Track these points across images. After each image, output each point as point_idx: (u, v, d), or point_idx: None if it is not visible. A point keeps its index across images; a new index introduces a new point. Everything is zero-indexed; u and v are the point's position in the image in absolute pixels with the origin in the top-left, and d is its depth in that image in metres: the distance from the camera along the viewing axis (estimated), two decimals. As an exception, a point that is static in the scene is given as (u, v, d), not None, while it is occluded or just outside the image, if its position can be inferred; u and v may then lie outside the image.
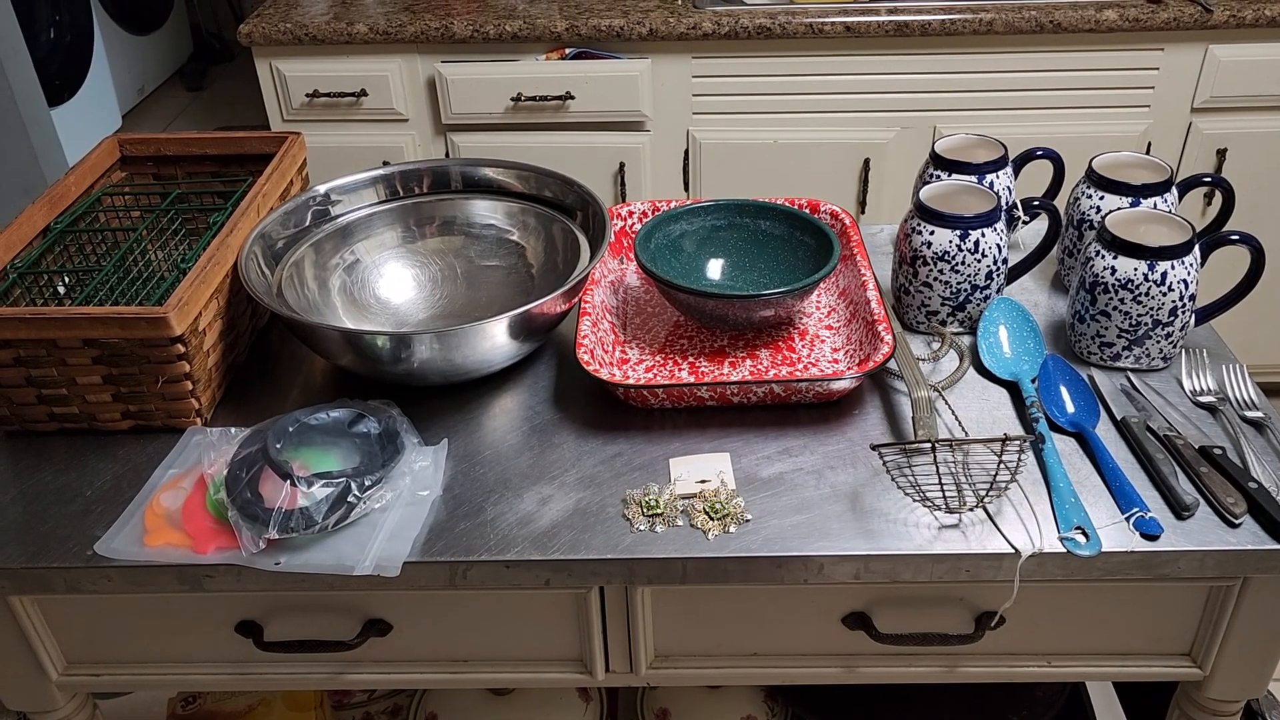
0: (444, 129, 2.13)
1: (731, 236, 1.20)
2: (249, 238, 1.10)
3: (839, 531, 0.91)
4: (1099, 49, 1.99)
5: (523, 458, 1.00)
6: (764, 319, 1.10)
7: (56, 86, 3.22)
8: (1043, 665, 1.00)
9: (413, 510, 0.94)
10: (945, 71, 2.02)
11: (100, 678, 1.03)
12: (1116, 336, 1.05)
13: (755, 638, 0.99)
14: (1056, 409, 1.01)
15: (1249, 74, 1.99)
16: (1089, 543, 0.88)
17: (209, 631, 0.99)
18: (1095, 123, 2.06)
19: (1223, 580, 0.92)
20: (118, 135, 1.28)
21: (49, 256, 1.12)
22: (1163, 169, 1.14)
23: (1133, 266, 1.01)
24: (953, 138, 1.23)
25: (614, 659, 1.01)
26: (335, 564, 0.89)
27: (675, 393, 1.02)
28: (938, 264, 1.09)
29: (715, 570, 0.90)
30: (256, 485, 0.92)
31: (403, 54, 2.06)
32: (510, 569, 0.90)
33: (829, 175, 2.13)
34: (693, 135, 2.11)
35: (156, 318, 0.95)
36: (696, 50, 2.02)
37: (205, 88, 3.98)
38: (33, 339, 0.96)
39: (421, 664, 1.01)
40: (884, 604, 0.96)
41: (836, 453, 0.99)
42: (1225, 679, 0.99)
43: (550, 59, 2.04)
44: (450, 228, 1.24)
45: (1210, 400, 1.03)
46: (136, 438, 1.04)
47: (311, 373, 1.13)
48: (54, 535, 0.93)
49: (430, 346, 0.99)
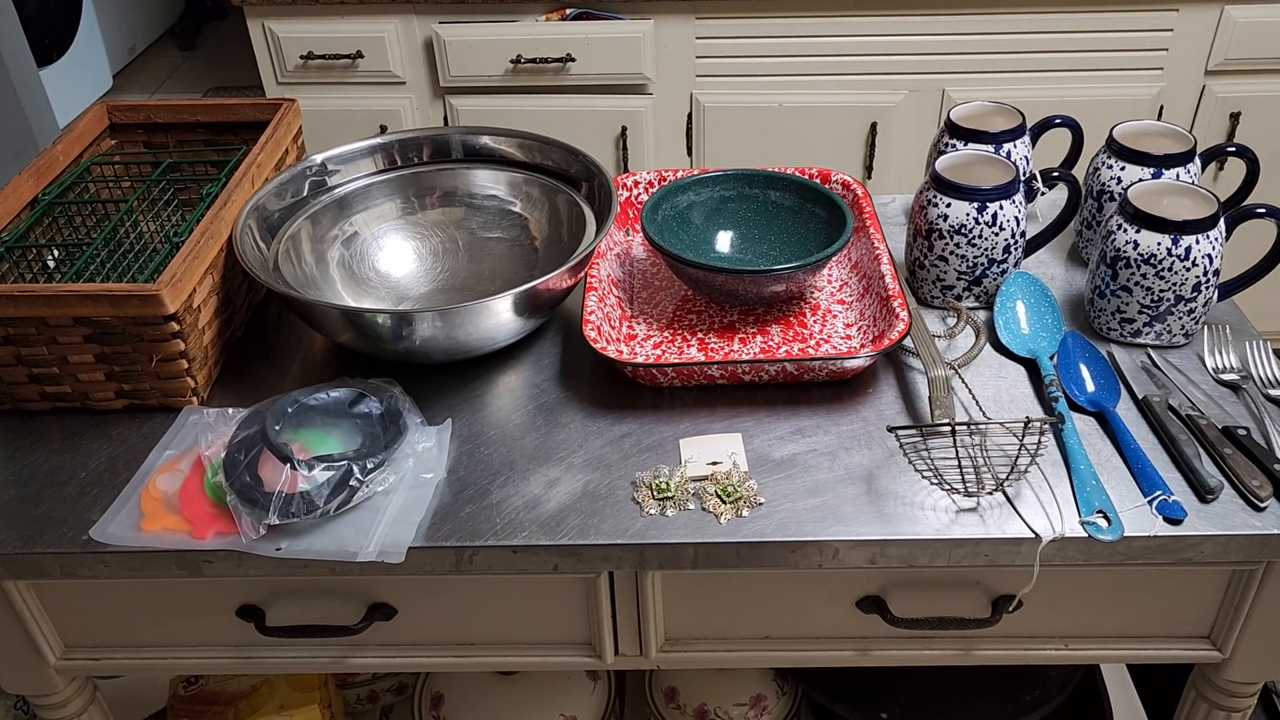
0: (442, 92, 2.08)
1: (740, 208, 1.17)
2: (244, 210, 1.06)
3: (854, 515, 0.88)
4: (1112, 9, 1.94)
5: (528, 438, 0.97)
6: (775, 294, 1.07)
7: (45, 46, 3.16)
8: (1059, 648, 0.98)
9: (416, 493, 0.91)
10: (954, 33, 1.97)
11: (99, 661, 1.01)
12: (1138, 312, 1.02)
13: (767, 620, 0.97)
14: (1076, 387, 0.99)
15: (1265, 36, 1.94)
16: (1111, 527, 0.85)
17: (210, 615, 0.97)
18: (1107, 85, 2.02)
19: (1246, 564, 0.90)
20: (106, 102, 1.24)
21: (37, 229, 1.09)
22: (1185, 138, 1.11)
23: (1156, 240, 0.98)
24: (968, 105, 1.19)
25: (623, 642, 0.99)
26: (338, 550, 0.86)
27: (685, 371, 0.99)
28: (954, 237, 1.06)
29: (728, 555, 0.88)
30: (255, 468, 0.89)
31: (399, 14, 2.00)
32: (518, 554, 0.87)
33: (835, 140, 2.09)
34: (696, 99, 2.06)
35: (149, 295, 0.91)
36: (700, 11, 1.97)
37: (197, 47, 3.91)
38: (22, 317, 0.93)
39: (427, 647, 0.99)
40: (899, 587, 0.94)
41: (851, 433, 0.97)
42: (1245, 661, 0.97)
43: (550, 20, 1.99)
44: (451, 199, 1.20)
45: (1233, 378, 1.00)
46: (131, 417, 1.01)
47: (311, 349, 1.10)
48: (49, 519, 0.90)
49: (433, 324, 0.96)
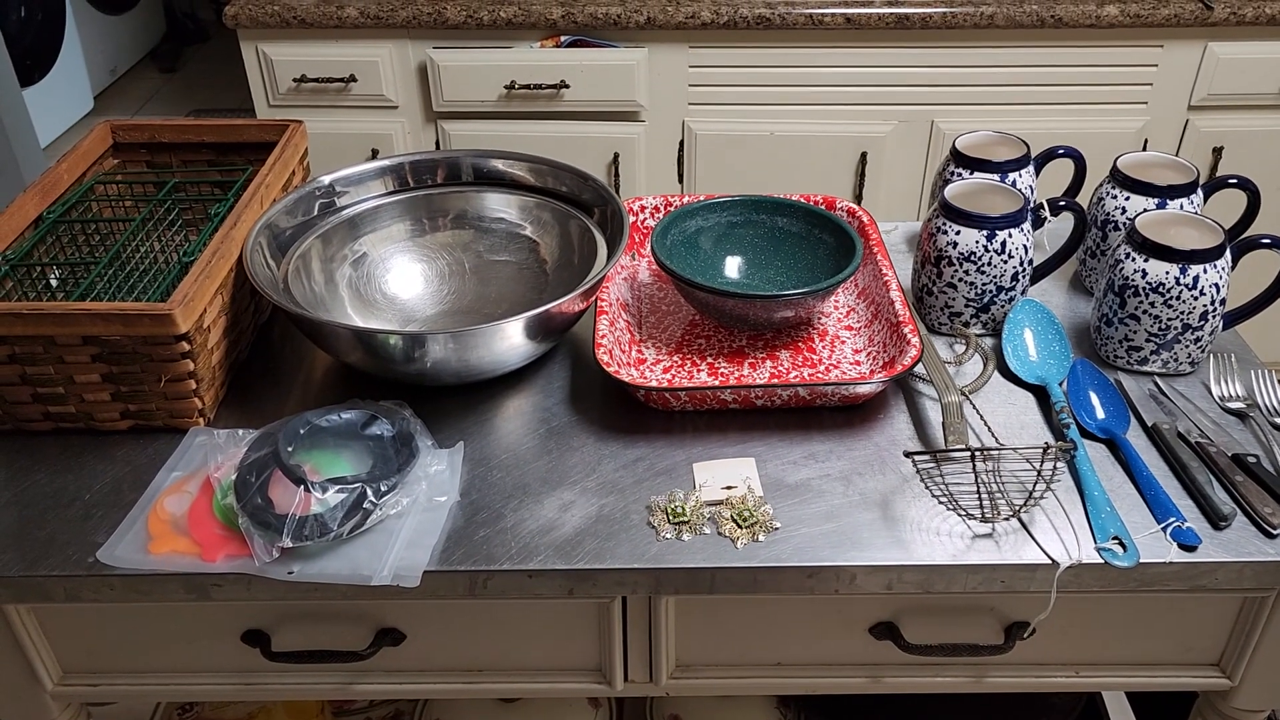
0: (435, 116, 2.08)
1: (748, 233, 1.18)
2: (254, 230, 1.05)
3: (870, 540, 0.88)
4: (1099, 45, 1.97)
5: (541, 462, 0.97)
6: (784, 319, 1.07)
7: (28, 66, 3.14)
8: (1070, 675, 0.98)
9: (430, 516, 0.90)
10: (945, 65, 2.00)
11: (97, 688, 0.99)
12: (1145, 340, 1.03)
13: (779, 647, 0.97)
14: (1086, 414, 0.99)
15: (1247, 72, 1.99)
16: (1127, 554, 0.86)
17: (213, 640, 0.95)
18: (1093, 119, 2.05)
19: (1258, 591, 0.90)
20: (109, 121, 1.23)
21: (41, 248, 1.07)
22: (1188, 170, 1.12)
23: (1164, 270, 0.99)
24: (974, 135, 1.20)
25: (633, 669, 0.98)
26: (351, 573, 0.85)
27: (697, 395, 0.99)
28: (963, 264, 1.07)
29: (745, 580, 0.87)
30: (267, 490, 0.88)
31: (394, 39, 2.01)
32: (533, 579, 0.87)
33: (825, 168, 2.11)
34: (689, 126, 2.08)
35: (161, 315, 0.90)
36: (694, 40, 1.99)
37: (179, 69, 3.89)
38: (29, 335, 0.92)
39: (434, 673, 0.98)
40: (913, 614, 0.94)
41: (864, 458, 0.97)
42: (1253, 689, 0.97)
43: (545, 46, 2.00)
44: (460, 221, 1.19)
45: (1239, 406, 1.01)
46: (136, 438, 0.99)
47: (314, 370, 1.09)
48: (53, 541, 0.89)
49: (445, 346, 0.96)
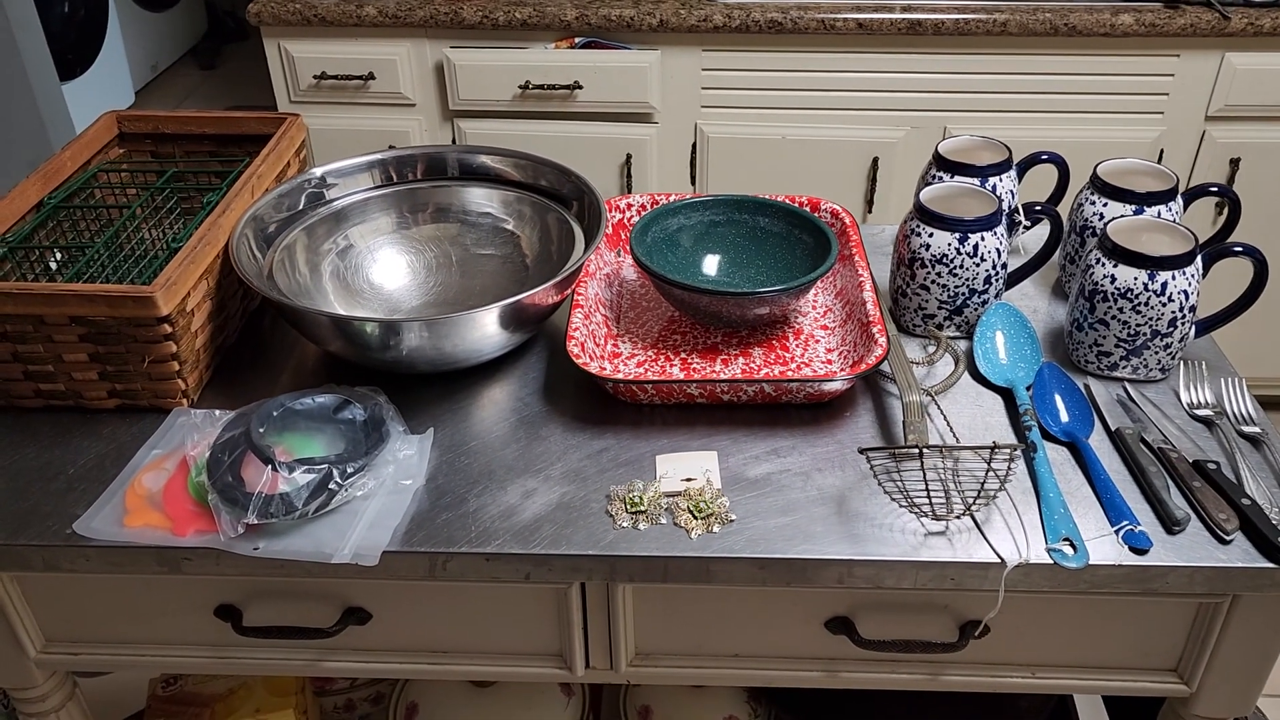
0: (451, 115, 2.12)
1: (729, 232, 1.19)
2: (241, 219, 1.09)
3: (823, 535, 0.89)
4: (1114, 54, 1.96)
5: (509, 449, 0.99)
6: (759, 317, 1.08)
7: (69, 61, 3.21)
8: (1027, 676, 0.98)
9: (395, 499, 0.93)
10: (957, 72, 2.00)
11: (79, 657, 1.02)
12: (1114, 346, 1.03)
13: (737, 638, 0.98)
14: (1050, 418, 1.00)
15: (1265, 83, 1.97)
16: (1076, 555, 0.86)
17: (188, 614, 0.98)
18: (1108, 128, 2.04)
19: (1212, 597, 0.91)
20: (115, 112, 1.27)
21: (41, 231, 1.11)
22: (1168, 177, 1.13)
23: (1133, 275, 1.00)
24: (957, 139, 1.21)
25: (594, 655, 1.00)
26: (314, 551, 0.88)
27: (665, 389, 1.01)
28: (935, 266, 1.07)
29: (697, 570, 0.89)
30: (238, 469, 0.91)
31: (411, 38, 2.04)
32: (490, 562, 0.89)
33: (837, 173, 2.11)
34: (701, 129, 2.09)
35: (143, 297, 0.94)
36: (707, 43, 2.01)
37: (218, 66, 3.97)
38: (19, 314, 0.96)
39: (400, 654, 1.01)
40: (867, 609, 0.95)
41: (825, 455, 0.98)
42: (1213, 696, 0.97)
43: (559, 47, 2.03)
44: (445, 215, 1.22)
45: (1207, 413, 1.01)
46: (122, 417, 1.03)
47: (302, 357, 1.12)
48: (35, 512, 0.92)
49: (419, 334, 0.98)
